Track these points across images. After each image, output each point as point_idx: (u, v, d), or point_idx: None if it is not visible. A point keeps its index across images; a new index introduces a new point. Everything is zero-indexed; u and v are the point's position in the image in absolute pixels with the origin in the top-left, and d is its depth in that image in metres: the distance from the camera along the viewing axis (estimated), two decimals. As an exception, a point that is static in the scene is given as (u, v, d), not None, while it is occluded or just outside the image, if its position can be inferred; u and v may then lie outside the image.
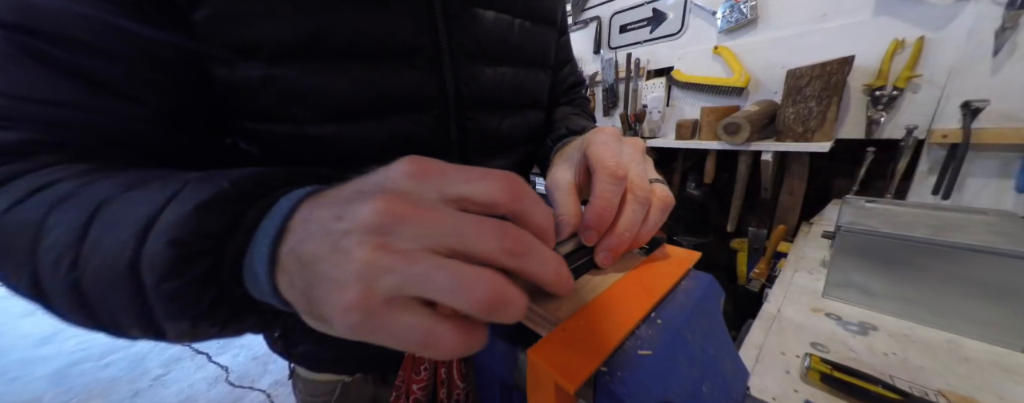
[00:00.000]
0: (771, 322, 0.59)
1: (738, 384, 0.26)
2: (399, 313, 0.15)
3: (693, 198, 1.50)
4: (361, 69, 0.34)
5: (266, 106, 0.34)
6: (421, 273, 0.15)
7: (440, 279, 0.15)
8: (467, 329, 0.16)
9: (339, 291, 0.15)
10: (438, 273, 0.15)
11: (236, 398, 1.73)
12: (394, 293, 0.15)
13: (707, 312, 0.26)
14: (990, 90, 0.93)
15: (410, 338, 0.15)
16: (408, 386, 0.46)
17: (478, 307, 0.15)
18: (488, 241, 0.16)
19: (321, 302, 0.15)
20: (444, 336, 0.15)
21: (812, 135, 1.11)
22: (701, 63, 1.45)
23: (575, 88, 0.63)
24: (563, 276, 0.18)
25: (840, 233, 0.60)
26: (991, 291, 0.50)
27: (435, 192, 0.17)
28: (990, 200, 0.98)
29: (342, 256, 0.15)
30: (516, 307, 0.16)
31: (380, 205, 0.15)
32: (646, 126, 1.65)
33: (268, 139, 0.36)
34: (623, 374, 0.18)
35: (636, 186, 0.27)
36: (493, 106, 0.44)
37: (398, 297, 0.15)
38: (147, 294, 0.18)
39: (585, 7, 1.81)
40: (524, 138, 0.51)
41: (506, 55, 0.43)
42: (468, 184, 0.17)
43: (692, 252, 0.31)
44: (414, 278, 0.15)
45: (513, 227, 0.17)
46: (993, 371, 0.46)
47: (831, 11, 1.15)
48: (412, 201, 0.16)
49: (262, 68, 0.31)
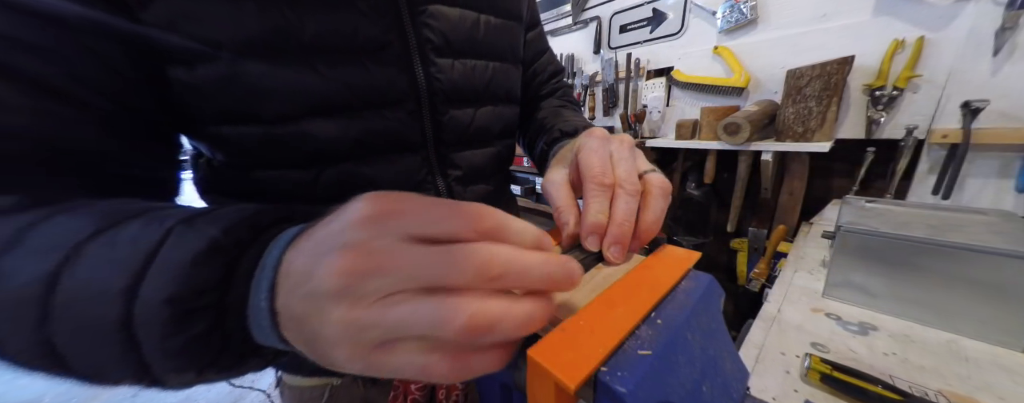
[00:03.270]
0: (771, 322, 0.59)
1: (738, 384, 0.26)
2: (394, 354, 0.16)
3: (693, 198, 1.50)
4: (329, 66, 0.34)
5: (230, 107, 0.33)
6: (398, 319, 0.15)
7: (417, 320, 0.15)
8: (462, 356, 0.16)
9: (334, 348, 0.16)
10: (414, 315, 0.15)
11: (236, 398, 1.73)
12: (382, 340, 0.16)
13: (707, 312, 0.26)
14: (990, 90, 0.93)
15: (410, 372, 0.16)
16: (406, 386, 0.46)
17: (463, 336, 0.15)
18: (460, 272, 0.16)
19: (324, 356, 0.16)
20: (438, 366, 0.16)
21: (812, 135, 1.11)
22: (701, 63, 1.45)
23: (555, 77, 0.63)
24: (556, 274, 0.18)
25: (840, 233, 0.60)
26: (991, 291, 0.50)
27: (396, 234, 0.16)
28: (990, 200, 0.98)
29: (323, 318, 0.15)
30: (508, 323, 0.16)
31: (339, 265, 0.15)
32: (646, 126, 1.65)
33: (234, 143, 0.35)
34: (623, 374, 0.18)
35: (623, 181, 0.28)
36: (466, 100, 0.44)
37: (388, 341, 0.16)
38: (142, 351, 0.17)
39: (585, 7, 1.81)
40: (499, 131, 0.51)
41: (474, 50, 0.44)
42: (430, 227, 0.17)
43: (692, 252, 0.31)
44: (393, 325, 0.15)
45: (485, 249, 0.16)
46: (993, 371, 0.46)
47: (831, 11, 1.15)
48: (373, 251, 0.15)
49: (224, 67, 0.30)
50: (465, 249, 0.16)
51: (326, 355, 0.16)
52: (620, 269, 0.30)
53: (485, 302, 0.15)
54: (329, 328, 0.15)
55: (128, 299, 0.17)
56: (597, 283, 0.28)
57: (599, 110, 1.85)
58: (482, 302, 0.15)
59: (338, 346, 0.15)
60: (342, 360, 0.16)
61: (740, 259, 1.44)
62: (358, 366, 0.16)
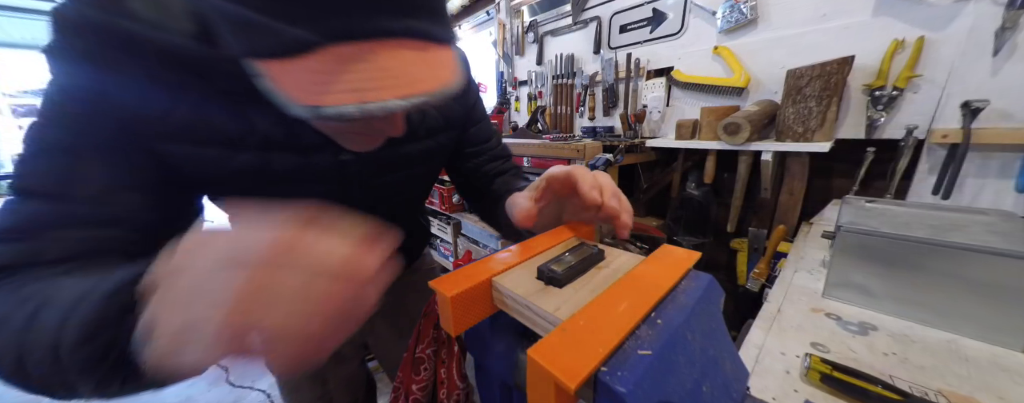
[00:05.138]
0: (771, 322, 0.59)
1: (738, 384, 0.26)
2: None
3: (693, 198, 1.50)
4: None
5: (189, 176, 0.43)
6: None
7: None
8: None
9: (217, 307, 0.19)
10: None
11: (236, 398, 1.72)
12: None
13: (707, 312, 0.26)
14: (990, 90, 0.93)
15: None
16: (407, 386, 0.46)
17: (266, 255, 0.20)
18: None
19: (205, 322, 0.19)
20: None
21: (812, 135, 1.11)
22: (701, 63, 1.45)
23: (503, 159, 0.69)
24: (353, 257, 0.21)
25: (840, 233, 0.60)
26: (991, 291, 0.50)
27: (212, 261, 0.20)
28: (990, 200, 0.98)
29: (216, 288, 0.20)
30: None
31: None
32: (646, 126, 1.65)
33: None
34: (623, 374, 0.18)
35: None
36: (395, 186, 0.56)
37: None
38: (62, 360, 0.24)
39: (585, 7, 1.81)
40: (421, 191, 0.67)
41: (408, 172, 0.56)
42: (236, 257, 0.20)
43: (692, 252, 0.31)
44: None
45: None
46: (993, 371, 0.46)
47: (831, 11, 1.15)
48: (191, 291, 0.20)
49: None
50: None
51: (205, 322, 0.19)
52: (620, 269, 0.30)
53: None
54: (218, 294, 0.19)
55: (58, 327, 0.24)
56: (597, 283, 0.28)
57: (599, 110, 1.85)
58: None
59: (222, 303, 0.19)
60: (220, 317, 0.18)
61: (740, 259, 1.44)
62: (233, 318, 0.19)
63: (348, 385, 0.79)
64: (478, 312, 0.29)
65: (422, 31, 0.30)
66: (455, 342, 0.44)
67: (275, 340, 0.19)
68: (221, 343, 0.19)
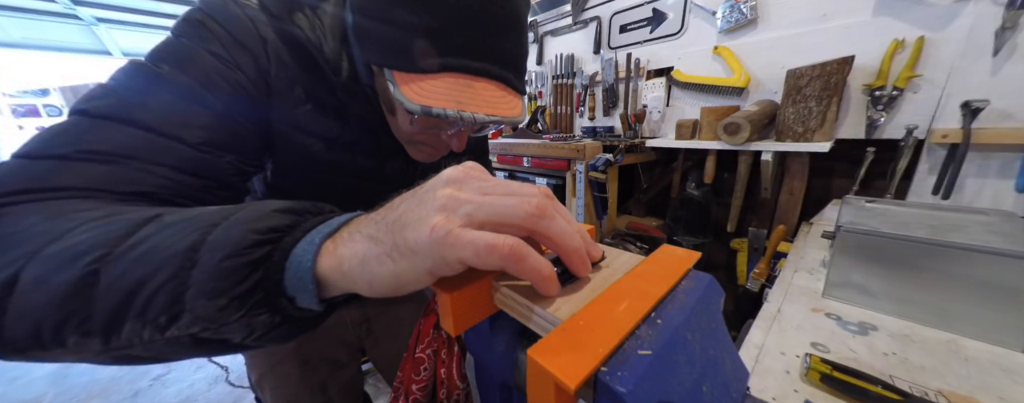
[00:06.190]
0: (771, 322, 0.59)
1: (738, 384, 0.26)
2: (471, 231, 0.21)
3: (693, 198, 1.50)
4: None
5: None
6: (487, 201, 0.22)
7: (500, 202, 0.22)
8: (521, 245, 0.22)
9: (428, 219, 0.21)
10: (499, 200, 0.23)
11: (236, 398, 1.72)
12: (469, 216, 0.22)
13: (707, 312, 0.26)
14: (990, 90, 0.93)
15: (480, 245, 0.21)
16: (407, 386, 0.46)
17: (527, 221, 0.23)
18: (530, 194, 0.24)
19: (412, 236, 0.21)
20: (505, 242, 0.21)
21: (812, 135, 1.11)
22: (701, 63, 1.46)
23: None
24: (579, 245, 0.26)
25: (840, 233, 0.60)
26: (991, 291, 0.50)
27: (476, 183, 0.24)
28: (990, 200, 0.99)
29: (429, 197, 0.23)
30: (561, 222, 0.24)
31: (451, 173, 0.25)
32: (646, 126, 1.65)
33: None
34: (623, 374, 0.18)
35: None
36: None
37: (471, 220, 0.22)
38: (190, 274, 0.21)
39: (585, 7, 1.81)
40: None
41: None
42: (497, 206, 0.23)
43: (692, 252, 0.31)
44: (482, 203, 0.22)
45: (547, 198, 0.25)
46: (993, 371, 0.46)
47: (831, 11, 1.15)
48: (470, 178, 0.25)
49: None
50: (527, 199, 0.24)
51: (415, 232, 0.21)
52: (620, 269, 0.30)
53: (545, 199, 0.24)
54: (431, 204, 0.22)
55: (205, 231, 0.23)
56: (597, 283, 0.28)
57: (599, 110, 1.85)
58: (543, 199, 0.23)
59: (434, 215, 0.21)
60: (425, 235, 0.21)
61: (740, 259, 1.44)
62: (440, 233, 0.21)
63: (347, 391, 0.80)
64: (478, 312, 0.29)
65: (509, 80, 0.43)
66: (455, 342, 0.44)
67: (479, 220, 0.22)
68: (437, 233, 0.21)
